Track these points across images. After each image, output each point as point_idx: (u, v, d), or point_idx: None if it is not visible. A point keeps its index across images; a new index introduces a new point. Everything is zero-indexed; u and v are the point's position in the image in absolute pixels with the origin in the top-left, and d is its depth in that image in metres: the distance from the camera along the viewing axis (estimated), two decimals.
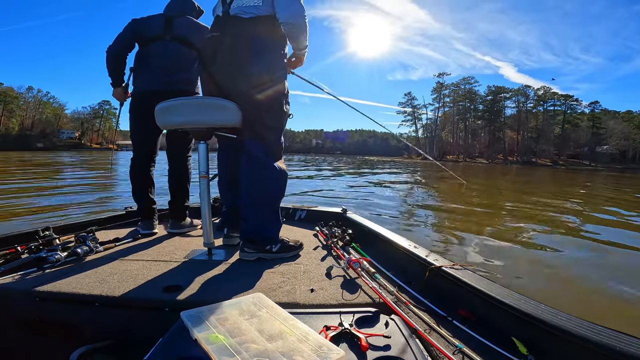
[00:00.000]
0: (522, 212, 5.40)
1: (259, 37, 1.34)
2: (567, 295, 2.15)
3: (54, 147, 59.93)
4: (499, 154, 61.81)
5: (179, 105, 1.35)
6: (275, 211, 1.46)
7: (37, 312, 1.04)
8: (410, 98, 73.49)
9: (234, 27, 1.35)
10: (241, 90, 1.36)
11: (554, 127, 58.93)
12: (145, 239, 1.70)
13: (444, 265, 1.10)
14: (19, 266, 1.21)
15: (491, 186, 10.84)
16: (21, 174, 10.17)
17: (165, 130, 1.66)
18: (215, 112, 1.34)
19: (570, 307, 1.76)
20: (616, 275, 2.49)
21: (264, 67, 1.35)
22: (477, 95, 66.18)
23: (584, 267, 2.70)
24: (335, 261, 1.37)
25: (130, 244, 1.62)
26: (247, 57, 1.33)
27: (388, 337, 0.74)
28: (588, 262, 2.86)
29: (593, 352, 0.66)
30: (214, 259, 1.41)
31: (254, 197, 1.42)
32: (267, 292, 1.04)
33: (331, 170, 15.70)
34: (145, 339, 0.77)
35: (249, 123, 1.38)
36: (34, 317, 1.04)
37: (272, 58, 1.38)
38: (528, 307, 0.81)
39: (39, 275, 1.15)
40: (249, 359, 0.61)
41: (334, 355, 0.62)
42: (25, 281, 1.10)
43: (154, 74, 1.76)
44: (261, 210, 1.43)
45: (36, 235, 1.44)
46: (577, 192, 9.47)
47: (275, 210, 1.46)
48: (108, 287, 1.08)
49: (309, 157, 50.47)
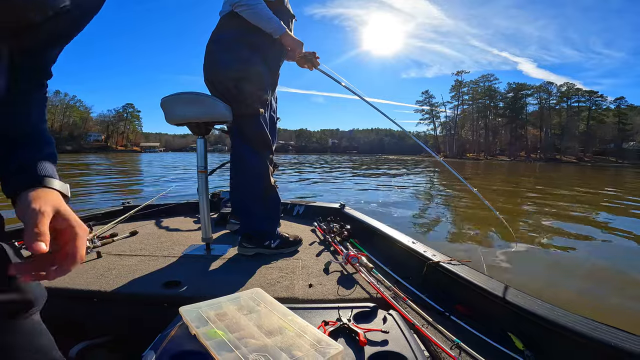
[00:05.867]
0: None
1: (221, 32, 1.37)
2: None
3: (81, 150, 61.06)
4: (521, 152, 61.34)
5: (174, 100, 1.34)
6: (267, 206, 1.44)
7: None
8: (428, 96, 73.25)
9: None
10: (217, 85, 1.38)
11: (578, 124, 58.11)
12: (142, 235, 1.69)
13: (441, 261, 1.11)
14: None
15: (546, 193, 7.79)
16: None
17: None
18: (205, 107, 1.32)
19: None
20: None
21: (230, 61, 1.34)
22: (497, 92, 65.71)
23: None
24: (333, 256, 1.38)
25: (128, 239, 1.61)
26: (213, 52, 1.37)
27: (386, 332, 0.75)
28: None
29: (589, 347, 0.67)
30: (212, 254, 1.40)
31: (241, 190, 1.44)
32: (265, 287, 1.04)
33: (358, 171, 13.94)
34: (144, 334, 0.77)
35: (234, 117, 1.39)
36: None
37: (231, 49, 1.35)
38: (525, 303, 0.82)
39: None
40: (248, 354, 0.61)
41: (333, 350, 0.63)
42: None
43: None
44: (249, 204, 1.43)
45: None
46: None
47: (267, 205, 1.44)
48: (106, 282, 1.07)
49: (324, 157, 45.13)
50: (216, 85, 1.38)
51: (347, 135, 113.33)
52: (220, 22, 1.40)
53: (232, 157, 1.44)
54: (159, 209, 2.17)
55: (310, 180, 9.71)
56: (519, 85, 64.16)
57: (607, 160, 51.11)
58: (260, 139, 1.41)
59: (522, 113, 63.51)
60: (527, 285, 2.17)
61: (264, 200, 1.43)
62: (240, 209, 1.48)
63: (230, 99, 1.35)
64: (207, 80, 1.41)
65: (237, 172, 1.43)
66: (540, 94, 62.24)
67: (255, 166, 1.41)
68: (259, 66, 1.38)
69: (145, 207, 2.09)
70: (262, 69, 1.39)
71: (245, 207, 1.44)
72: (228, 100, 1.34)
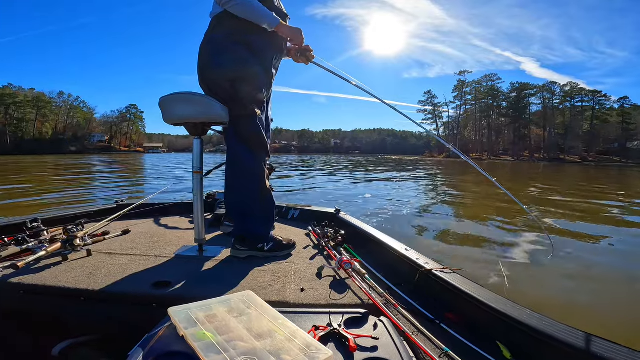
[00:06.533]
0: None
1: (214, 33, 1.37)
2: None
3: (85, 151, 61.02)
4: (524, 151, 61.05)
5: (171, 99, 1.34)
6: (261, 208, 1.43)
7: (22, 305, 1.02)
8: (430, 96, 73.02)
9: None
10: (211, 86, 1.38)
11: (582, 124, 57.74)
12: (135, 234, 1.68)
13: (434, 269, 1.11)
14: (5, 257, 1.18)
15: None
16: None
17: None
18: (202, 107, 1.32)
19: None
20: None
21: (224, 61, 1.33)
22: (500, 92, 65.50)
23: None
24: (326, 261, 1.37)
25: (119, 237, 1.60)
26: (206, 53, 1.37)
27: (376, 339, 0.74)
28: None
29: (576, 358, 0.67)
30: (205, 255, 1.39)
31: (236, 191, 1.42)
32: (257, 291, 1.04)
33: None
34: (132, 334, 0.76)
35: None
36: (18, 310, 1.02)
37: (225, 49, 1.35)
38: (514, 312, 0.82)
39: (24, 267, 1.13)
40: (236, 357, 0.61)
41: (322, 356, 0.62)
42: (10, 273, 1.07)
43: None
44: (243, 206, 1.42)
45: (24, 227, 1.41)
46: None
47: (261, 207, 1.43)
48: (95, 281, 1.06)
49: (327, 158, 43.41)
50: (210, 87, 1.37)
51: (350, 136, 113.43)
52: (211, 23, 1.39)
53: (227, 158, 1.43)
54: (153, 208, 2.15)
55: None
56: (522, 85, 64.10)
57: (611, 160, 50.71)
58: (256, 140, 1.40)
59: (525, 113, 63.37)
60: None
61: (259, 202, 1.42)
62: (234, 210, 1.47)
63: (226, 99, 1.34)
64: (202, 82, 1.41)
65: (232, 173, 1.42)
66: (544, 94, 62.13)
67: (250, 167, 1.40)
68: (254, 66, 1.37)
69: (139, 206, 2.07)
70: (258, 69, 1.38)
71: (239, 208, 1.43)
72: (224, 102, 1.33)
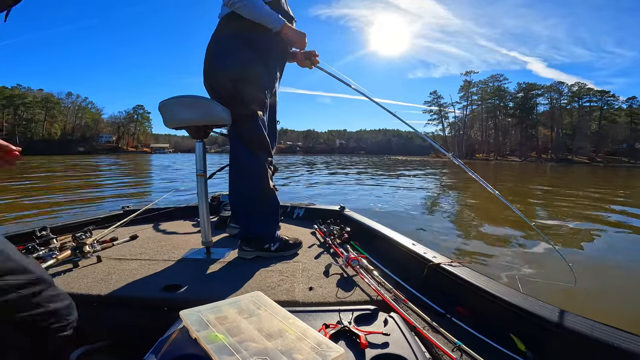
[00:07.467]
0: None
1: (220, 34, 1.38)
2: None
3: (93, 151, 61.80)
4: (531, 152, 60.60)
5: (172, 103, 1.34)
6: (265, 208, 1.42)
7: None
8: (436, 97, 72.41)
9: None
10: (215, 87, 1.38)
11: (590, 124, 57.17)
12: (142, 239, 1.69)
13: (442, 263, 1.10)
14: None
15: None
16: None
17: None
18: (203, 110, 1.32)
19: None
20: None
21: (228, 62, 1.34)
22: (507, 92, 64.94)
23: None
24: (333, 259, 1.37)
25: (128, 243, 1.61)
26: (212, 54, 1.38)
27: (387, 335, 0.74)
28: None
29: (591, 348, 0.67)
30: (212, 258, 1.40)
31: (239, 192, 1.43)
32: (265, 291, 1.04)
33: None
34: (144, 338, 0.76)
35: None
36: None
37: (229, 50, 1.35)
38: (526, 304, 0.82)
39: None
40: (249, 357, 0.61)
41: (334, 353, 0.62)
42: None
43: None
44: (247, 207, 1.42)
45: (33, 236, 1.43)
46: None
47: (265, 208, 1.42)
48: (106, 286, 1.07)
49: (332, 158, 42.47)
50: (214, 87, 1.38)
51: (355, 136, 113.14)
52: (219, 24, 1.41)
53: (230, 159, 1.44)
54: (159, 213, 2.16)
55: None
56: (529, 85, 63.53)
57: (620, 161, 50.25)
58: (258, 141, 1.39)
59: (532, 113, 62.84)
60: None
61: (262, 202, 1.41)
62: (238, 211, 1.47)
63: (228, 100, 1.34)
64: (206, 83, 1.41)
65: (235, 174, 1.42)
66: (551, 94, 61.48)
67: (253, 168, 1.40)
68: (257, 67, 1.37)
69: (145, 211, 2.09)
70: (261, 70, 1.38)
71: (243, 210, 1.43)
72: (226, 102, 1.33)
